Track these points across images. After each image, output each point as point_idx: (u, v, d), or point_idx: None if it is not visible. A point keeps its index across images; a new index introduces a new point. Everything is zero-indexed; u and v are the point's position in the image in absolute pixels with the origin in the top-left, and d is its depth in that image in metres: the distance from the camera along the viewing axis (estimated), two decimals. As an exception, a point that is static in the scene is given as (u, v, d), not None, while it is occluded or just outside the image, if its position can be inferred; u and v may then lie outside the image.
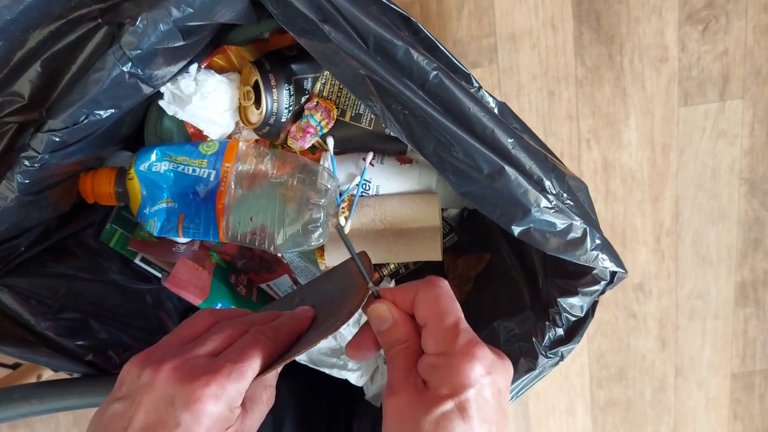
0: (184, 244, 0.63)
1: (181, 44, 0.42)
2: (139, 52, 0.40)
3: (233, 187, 0.54)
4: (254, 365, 0.33)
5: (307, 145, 0.56)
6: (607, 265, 0.45)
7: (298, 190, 0.53)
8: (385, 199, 0.58)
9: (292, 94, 0.54)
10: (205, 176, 0.54)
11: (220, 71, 0.54)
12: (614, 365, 1.04)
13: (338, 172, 0.58)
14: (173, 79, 0.51)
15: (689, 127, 0.92)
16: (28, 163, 0.42)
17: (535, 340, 0.49)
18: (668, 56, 0.88)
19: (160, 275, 0.62)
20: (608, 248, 0.45)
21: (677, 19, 0.87)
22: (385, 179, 0.58)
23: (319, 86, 0.55)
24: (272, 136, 0.56)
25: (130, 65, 0.40)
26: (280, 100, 0.54)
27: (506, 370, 0.33)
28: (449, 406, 0.30)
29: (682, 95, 0.90)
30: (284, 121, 0.55)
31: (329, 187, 0.53)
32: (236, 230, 0.54)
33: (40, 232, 0.53)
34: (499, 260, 0.60)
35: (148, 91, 0.44)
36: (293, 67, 0.54)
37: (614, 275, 0.46)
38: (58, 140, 0.42)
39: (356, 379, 0.60)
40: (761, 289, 1.00)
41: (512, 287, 0.55)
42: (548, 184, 0.43)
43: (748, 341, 1.03)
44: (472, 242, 0.65)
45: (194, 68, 0.52)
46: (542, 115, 0.91)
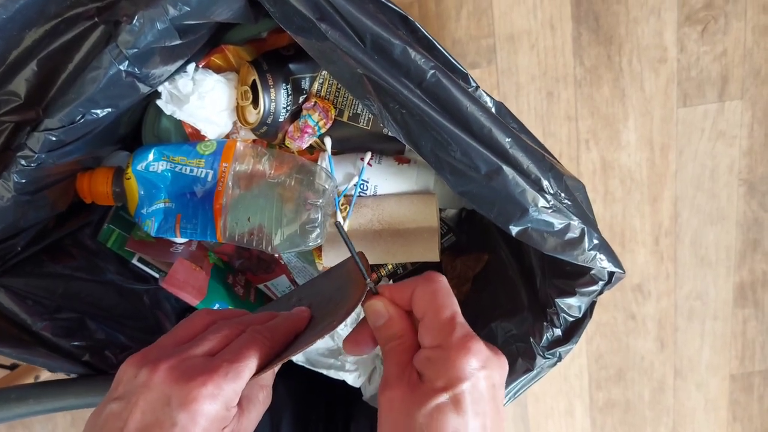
0: (181, 244, 0.63)
1: (178, 43, 0.42)
2: (135, 50, 0.40)
3: (231, 187, 0.53)
4: (251, 365, 0.33)
5: (305, 145, 0.56)
6: (605, 265, 0.45)
7: (295, 190, 0.52)
8: (383, 199, 0.58)
9: (289, 93, 0.54)
10: (202, 176, 0.54)
11: (217, 71, 0.54)
12: (613, 366, 1.03)
13: (336, 172, 0.58)
14: (171, 78, 0.51)
15: (688, 127, 0.91)
16: (24, 162, 0.42)
17: (532, 340, 0.49)
18: (667, 57, 0.88)
19: (157, 275, 0.62)
20: (606, 248, 0.45)
21: (676, 19, 0.87)
22: (383, 179, 0.58)
23: (316, 86, 0.55)
24: (270, 136, 0.56)
25: (126, 64, 0.40)
26: (277, 99, 0.53)
27: (501, 365, 0.33)
28: (444, 398, 0.30)
29: (681, 96, 0.90)
30: (282, 121, 0.55)
31: (327, 187, 0.53)
32: (234, 230, 0.54)
33: (36, 231, 0.53)
34: (497, 261, 0.60)
35: (145, 90, 0.44)
36: (291, 66, 0.54)
37: (612, 275, 0.46)
38: (54, 139, 0.42)
39: (354, 379, 0.60)
40: (760, 290, 1.00)
41: (510, 288, 0.55)
42: (546, 183, 0.43)
43: (747, 342, 1.03)
44: (470, 243, 0.65)
45: (192, 68, 0.52)
46: (541, 115, 0.91)
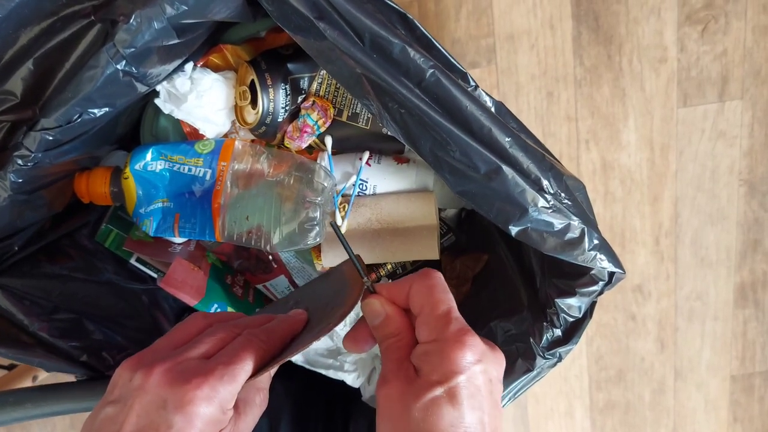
0: (180, 244, 0.62)
1: (175, 42, 0.42)
2: (132, 50, 0.40)
3: (229, 186, 0.53)
4: (246, 367, 0.32)
5: (304, 144, 0.56)
6: (605, 265, 0.44)
7: (294, 188, 0.52)
8: (381, 198, 0.58)
9: (288, 93, 0.54)
10: (201, 175, 0.54)
11: (216, 70, 0.54)
12: (613, 367, 1.03)
13: (335, 171, 0.58)
14: (169, 77, 0.51)
15: (688, 127, 0.91)
16: (21, 161, 0.42)
17: (532, 340, 0.48)
18: (667, 57, 0.88)
19: (155, 275, 0.62)
20: (606, 248, 0.45)
21: (676, 19, 0.87)
22: (382, 179, 0.58)
23: (315, 86, 0.55)
24: (269, 136, 0.56)
25: (123, 63, 0.40)
26: (276, 99, 0.53)
27: (498, 360, 0.33)
28: (439, 392, 0.30)
29: (681, 96, 0.90)
30: (281, 120, 0.55)
31: (326, 185, 0.53)
32: (232, 230, 0.53)
33: (34, 232, 0.52)
34: (496, 261, 0.60)
35: (142, 89, 0.44)
36: (289, 66, 0.54)
37: (612, 276, 0.46)
38: (51, 139, 0.42)
39: (353, 380, 0.60)
40: (761, 290, 1.00)
41: (510, 288, 0.55)
42: (546, 183, 0.42)
43: (747, 343, 1.02)
44: (469, 243, 0.65)
45: (190, 66, 0.51)
46: (541, 115, 0.91)
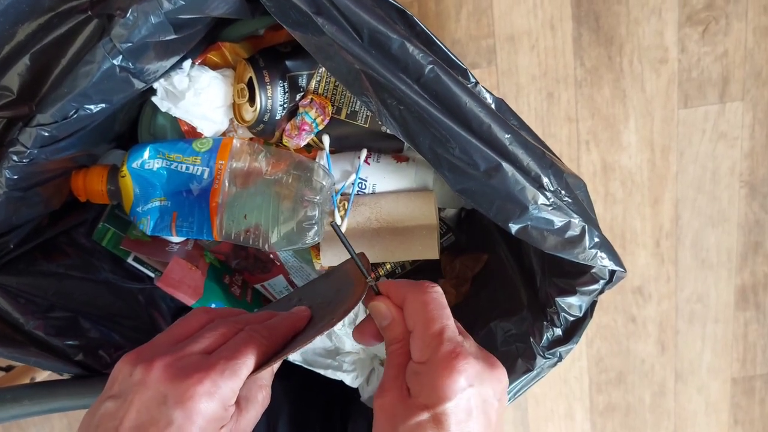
0: (177, 243, 0.62)
1: (173, 38, 0.41)
2: (129, 45, 0.39)
3: (227, 184, 0.53)
4: (248, 363, 0.32)
5: (302, 142, 0.56)
6: (605, 263, 0.44)
7: (293, 187, 0.52)
8: (380, 197, 0.58)
9: (286, 91, 0.54)
10: (198, 174, 0.53)
11: (214, 67, 0.54)
12: (613, 369, 1.03)
13: (334, 170, 0.57)
14: (166, 75, 0.50)
15: (689, 129, 0.91)
16: (16, 158, 0.42)
17: (532, 340, 0.48)
18: (668, 58, 0.88)
19: (152, 275, 0.61)
20: (607, 247, 0.44)
21: (677, 20, 0.86)
22: (381, 177, 0.57)
23: (314, 83, 0.55)
24: (267, 134, 0.55)
25: (120, 58, 0.40)
26: (274, 97, 0.53)
27: (495, 378, 0.32)
28: (425, 416, 0.30)
29: (681, 97, 0.90)
30: (279, 118, 0.54)
31: (324, 184, 0.53)
32: (230, 228, 0.53)
33: (30, 229, 0.52)
34: (496, 260, 0.60)
35: (139, 86, 0.43)
36: (288, 63, 0.53)
37: (613, 274, 0.45)
38: (47, 135, 0.41)
39: (351, 380, 0.59)
40: (761, 292, 0.99)
41: (510, 287, 0.55)
42: (546, 181, 0.42)
43: (748, 345, 1.02)
44: (469, 242, 0.64)
45: (188, 64, 0.51)
46: (541, 116, 0.90)
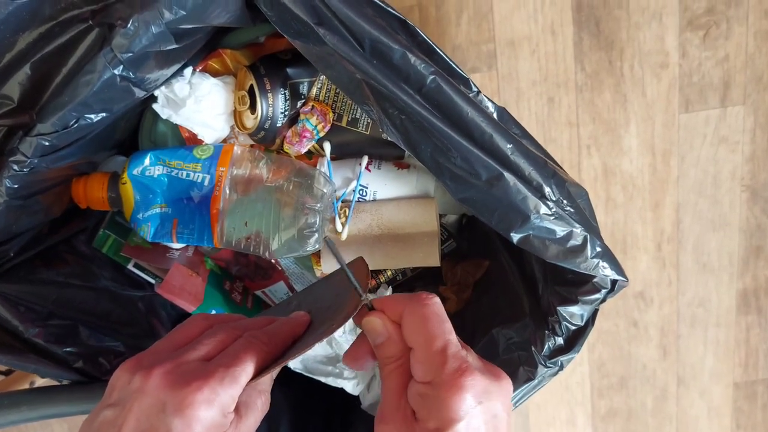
0: (178, 249, 0.62)
1: (174, 47, 0.41)
2: (130, 54, 0.39)
3: (228, 191, 0.53)
4: (248, 369, 0.32)
5: (303, 149, 0.55)
6: (607, 273, 0.44)
7: (293, 194, 0.52)
8: (382, 204, 0.57)
9: (287, 98, 0.54)
10: (199, 181, 0.53)
11: (214, 75, 0.53)
12: (615, 374, 1.02)
13: (335, 177, 0.57)
14: (167, 82, 0.50)
15: (690, 133, 0.91)
16: (16, 167, 0.42)
17: (534, 349, 0.48)
18: (669, 62, 0.88)
19: (153, 281, 0.61)
20: (609, 256, 0.44)
21: (678, 24, 0.86)
22: (382, 184, 0.57)
23: (315, 91, 0.55)
24: (268, 141, 0.55)
25: (121, 68, 0.40)
26: (275, 104, 0.53)
27: (502, 391, 0.31)
28: None
29: (682, 101, 0.89)
30: (280, 126, 0.54)
31: (325, 191, 0.52)
32: (231, 235, 0.53)
33: (30, 237, 0.52)
34: (498, 267, 0.60)
35: (140, 94, 0.43)
36: (289, 71, 0.53)
37: (615, 283, 0.45)
38: (47, 144, 0.41)
39: (352, 387, 0.59)
40: (763, 296, 0.99)
41: (511, 294, 0.54)
42: (548, 190, 0.42)
43: (750, 350, 1.02)
44: (470, 249, 0.64)
45: (189, 71, 0.51)
46: (542, 121, 0.90)
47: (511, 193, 0.41)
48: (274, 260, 0.63)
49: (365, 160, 0.57)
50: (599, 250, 0.43)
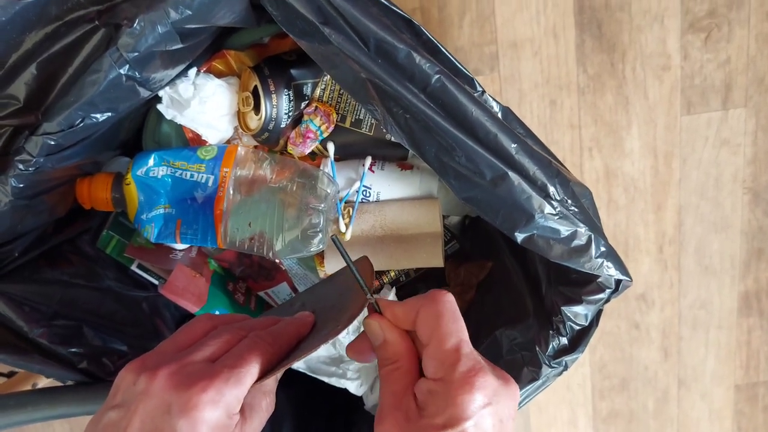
0: (181, 250, 0.62)
1: (179, 47, 0.41)
2: (136, 54, 0.39)
3: (232, 192, 0.53)
4: (253, 370, 0.32)
5: (307, 150, 0.56)
6: (612, 273, 0.44)
7: (297, 195, 0.52)
8: (385, 205, 0.58)
9: (291, 99, 0.54)
10: (203, 181, 0.53)
11: (219, 76, 0.54)
12: (616, 376, 1.02)
13: (338, 178, 0.57)
14: (172, 83, 0.51)
15: (692, 135, 0.91)
16: (22, 166, 0.42)
17: (538, 349, 0.48)
18: (670, 64, 0.88)
19: (156, 282, 0.61)
20: (613, 256, 0.44)
21: (679, 27, 0.87)
22: (385, 185, 0.57)
23: (318, 92, 0.55)
24: (271, 142, 0.55)
25: (127, 68, 0.40)
26: (279, 105, 0.53)
27: (510, 395, 0.31)
28: None
29: (684, 104, 0.90)
30: (284, 126, 0.54)
31: (329, 192, 0.53)
32: (234, 236, 0.53)
33: (35, 237, 0.52)
34: (501, 268, 0.60)
35: (145, 94, 0.43)
36: (293, 72, 0.53)
37: (619, 283, 0.45)
38: (53, 143, 0.41)
39: (355, 388, 0.59)
40: (765, 299, 0.99)
41: (515, 295, 0.54)
42: (552, 189, 0.42)
43: (751, 352, 1.02)
44: (474, 250, 0.64)
45: (193, 72, 0.51)
46: (544, 123, 0.90)
47: (515, 192, 0.41)
48: (277, 261, 0.63)
49: (368, 161, 0.57)
50: (603, 249, 0.43)
